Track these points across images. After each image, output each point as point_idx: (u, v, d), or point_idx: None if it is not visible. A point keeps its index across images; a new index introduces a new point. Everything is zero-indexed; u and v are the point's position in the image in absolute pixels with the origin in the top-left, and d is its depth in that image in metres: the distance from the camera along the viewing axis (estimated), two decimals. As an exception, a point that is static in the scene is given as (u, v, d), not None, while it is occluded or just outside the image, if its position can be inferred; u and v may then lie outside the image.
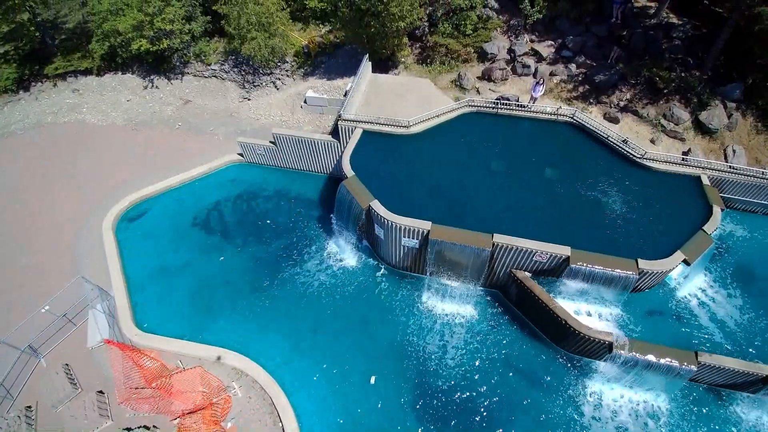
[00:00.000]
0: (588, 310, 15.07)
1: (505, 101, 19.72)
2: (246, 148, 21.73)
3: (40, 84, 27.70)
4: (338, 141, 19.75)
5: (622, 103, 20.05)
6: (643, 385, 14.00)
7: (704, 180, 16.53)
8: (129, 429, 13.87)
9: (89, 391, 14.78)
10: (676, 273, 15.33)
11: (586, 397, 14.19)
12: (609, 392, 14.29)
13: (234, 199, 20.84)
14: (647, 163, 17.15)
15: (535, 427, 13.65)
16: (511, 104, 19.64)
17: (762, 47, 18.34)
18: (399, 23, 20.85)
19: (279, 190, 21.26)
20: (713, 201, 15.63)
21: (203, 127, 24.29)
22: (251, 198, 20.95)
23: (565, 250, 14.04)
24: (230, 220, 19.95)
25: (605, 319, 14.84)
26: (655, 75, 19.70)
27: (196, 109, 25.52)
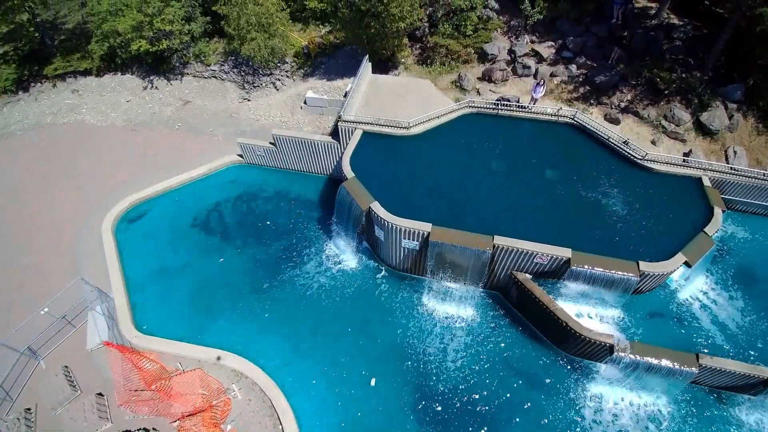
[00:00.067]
0: (589, 312, 15.02)
1: (505, 102, 19.68)
2: (246, 149, 21.69)
3: (39, 85, 27.65)
4: (338, 142, 19.70)
5: (622, 104, 20.00)
6: (644, 387, 13.96)
7: (705, 181, 16.49)
8: (128, 431, 13.85)
9: (88, 394, 14.74)
10: (677, 275, 15.27)
11: (587, 400, 14.15)
12: (610, 395, 14.24)
13: (234, 200, 20.79)
14: (648, 164, 17.10)
15: (536, 430, 13.61)
16: (511, 105, 19.59)
17: (763, 48, 18.29)
18: (399, 24, 20.81)
19: (279, 192, 21.21)
20: (714, 202, 15.59)
21: (203, 128, 24.25)
22: (251, 199, 20.89)
23: (566, 252, 14.00)
24: (230, 222, 19.90)
25: (606, 321, 14.79)
26: (655, 76, 19.64)
27: (196, 110, 25.48)
